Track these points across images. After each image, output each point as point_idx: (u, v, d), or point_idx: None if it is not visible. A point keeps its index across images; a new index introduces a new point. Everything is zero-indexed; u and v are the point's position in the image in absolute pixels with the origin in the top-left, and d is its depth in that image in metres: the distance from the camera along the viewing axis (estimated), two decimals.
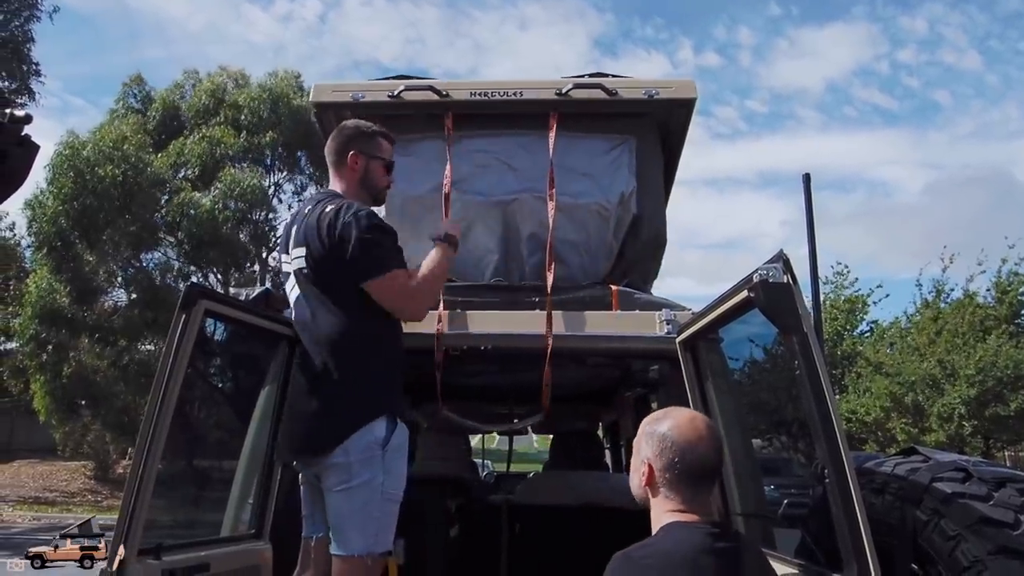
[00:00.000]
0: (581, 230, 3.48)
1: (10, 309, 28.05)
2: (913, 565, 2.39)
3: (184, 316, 2.34)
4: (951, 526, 2.25)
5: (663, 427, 1.93)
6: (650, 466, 1.95)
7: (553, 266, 3.24)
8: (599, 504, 3.95)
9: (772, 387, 3.22)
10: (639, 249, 3.58)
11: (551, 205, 3.31)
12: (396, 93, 3.48)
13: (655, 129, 3.66)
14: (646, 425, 1.98)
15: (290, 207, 25.56)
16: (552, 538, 3.02)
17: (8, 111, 1.26)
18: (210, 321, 2.61)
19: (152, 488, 2.25)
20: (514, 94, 3.48)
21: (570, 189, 3.42)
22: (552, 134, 3.39)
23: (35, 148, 1.33)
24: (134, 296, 23.41)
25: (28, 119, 1.29)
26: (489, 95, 3.48)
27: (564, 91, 3.45)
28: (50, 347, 22.86)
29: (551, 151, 3.37)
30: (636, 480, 2.03)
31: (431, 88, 3.49)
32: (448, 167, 3.36)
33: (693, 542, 1.78)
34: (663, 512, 1.93)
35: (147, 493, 2.23)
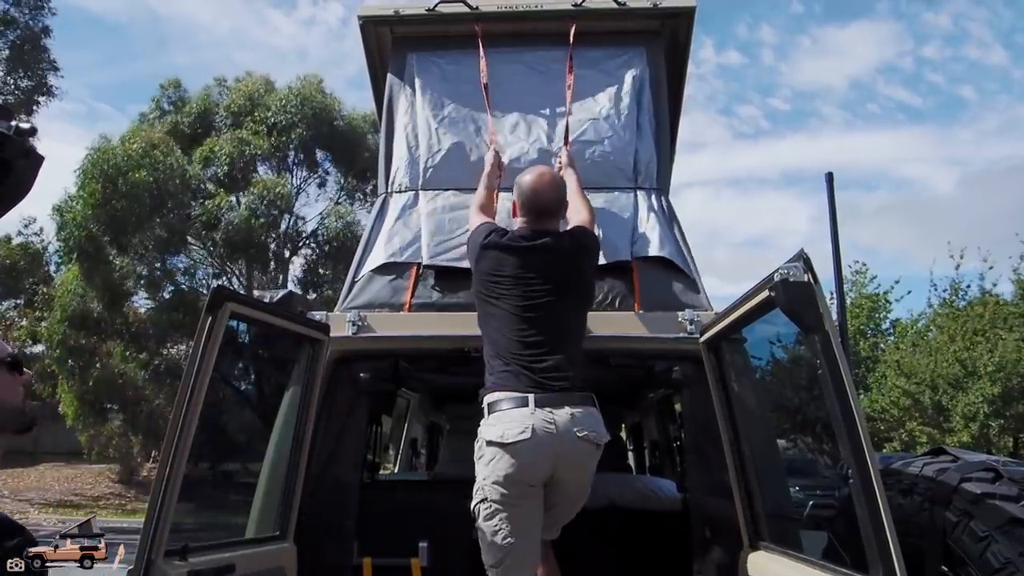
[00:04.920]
0: (605, 106, 3.71)
1: (36, 314, 28.43)
2: (943, 567, 2.37)
3: (210, 318, 2.36)
4: (981, 527, 2.23)
5: (521, 179, 2.99)
6: (514, 203, 3.06)
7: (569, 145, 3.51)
8: (622, 506, 3.94)
9: (796, 386, 3.20)
10: (666, 136, 3.81)
11: (569, 94, 3.62)
12: (433, 7, 3.88)
13: (662, 46, 3.95)
14: (516, 179, 3.04)
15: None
16: (575, 540, 3.02)
17: (13, 123, 1.27)
18: (236, 323, 2.63)
19: (179, 489, 2.27)
20: (536, 7, 3.89)
21: (589, 78, 3.74)
22: (571, 37, 3.74)
23: (40, 160, 1.34)
24: (164, 297, 23.58)
25: (33, 131, 1.29)
26: (514, 7, 3.90)
27: (579, 2, 3.83)
28: (80, 352, 23.14)
29: (571, 48, 3.73)
30: (511, 214, 3.14)
31: (463, 2, 3.87)
32: (483, 63, 3.73)
33: (529, 234, 2.89)
34: (521, 226, 2.97)
35: (174, 494, 2.24)
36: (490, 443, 2.64)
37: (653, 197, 3.56)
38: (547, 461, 2.62)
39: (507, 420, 2.63)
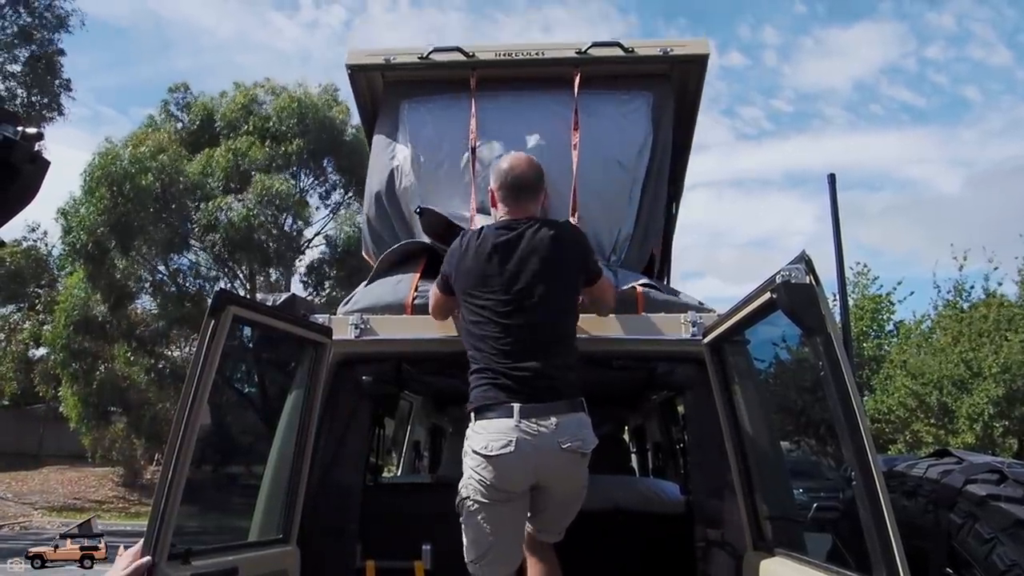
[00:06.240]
0: (602, 178, 3.52)
1: (40, 317, 28.52)
2: (948, 569, 2.36)
3: (213, 322, 2.36)
4: (986, 529, 2.22)
5: (499, 163, 2.95)
6: (492, 191, 2.94)
7: (577, 214, 3.30)
8: (626, 508, 3.93)
9: (800, 388, 3.19)
10: (656, 205, 3.64)
11: (575, 155, 3.41)
12: (426, 55, 3.68)
13: (671, 91, 3.75)
14: (491, 167, 3.02)
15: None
16: (579, 542, 3.01)
17: (20, 128, 1.26)
18: (239, 326, 2.63)
19: (182, 492, 2.27)
20: (537, 54, 3.64)
21: (591, 141, 3.49)
22: (576, 87, 3.52)
23: (46, 165, 1.33)
24: (162, 300, 23.62)
25: (40, 136, 1.29)
26: (513, 55, 3.66)
27: (584, 50, 3.61)
28: (83, 355, 23.21)
29: (575, 101, 3.50)
30: (491, 206, 2.99)
31: (458, 50, 3.66)
32: (473, 123, 3.50)
33: (511, 224, 2.82)
34: (502, 216, 2.89)
35: (177, 497, 2.24)
36: (475, 452, 2.64)
37: (622, 273, 3.49)
38: (529, 472, 2.63)
39: (492, 430, 2.61)
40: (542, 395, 2.62)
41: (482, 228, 2.90)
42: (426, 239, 3.53)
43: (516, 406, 2.59)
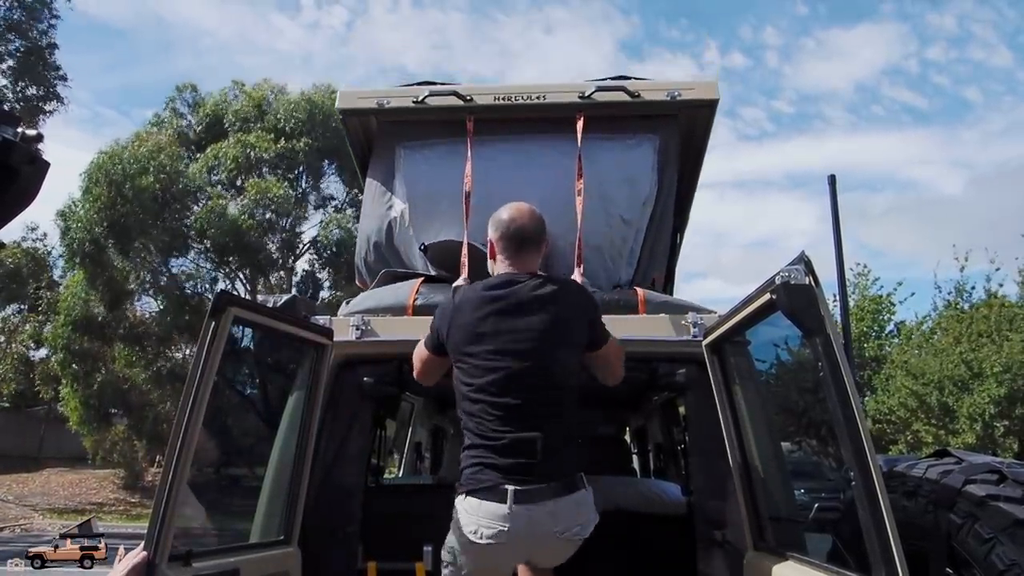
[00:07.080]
0: (604, 233, 3.45)
1: (40, 318, 28.52)
2: (948, 569, 2.36)
3: (213, 323, 2.37)
4: (986, 529, 2.22)
5: (497, 213, 2.70)
6: (491, 242, 2.70)
7: (582, 266, 3.22)
8: (628, 509, 3.94)
9: (800, 389, 3.20)
10: (657, 249, 3.57)
11: (579, 201, 3.28)
12: (421, 99, 3.54)
13: (677, 131, 3.64)
14: (491, 217, 2.73)
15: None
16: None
17: (20, 130, 1.26)
18: (239, 328, 2.64)
19: (183, 493, 2.27)
20: (537, 98, 3.52)
21: (593, 195, 3.39)
22: (579, 134, 3.40)
23: (46, 166, 1.32)
24: (164, 303, 23.60)
25: (40, 138, 1.28)
26: (513, 99, 3.52)
27: (587, 94, 3.49)
28: (84, 357, 23.19)
29: (578, 150, 3.38)
30: (488, 257, 2.76)
31: (455, 93, 3.53)
32: (468, 167, 3.38)
33: (511, 279, 2.56)
34: (502, 270, 2.64)
35: (178, 498, 2.25)
36: (464, 533, 2.41)
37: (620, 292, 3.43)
38: (521, 557, 2.51)
39: (483, 514, 2.37)
40: (539, 475, 2.37)
41: (477, 283, 2.70)
42: (431, 273, 3.50)
43: (510, 489, 2.34)
